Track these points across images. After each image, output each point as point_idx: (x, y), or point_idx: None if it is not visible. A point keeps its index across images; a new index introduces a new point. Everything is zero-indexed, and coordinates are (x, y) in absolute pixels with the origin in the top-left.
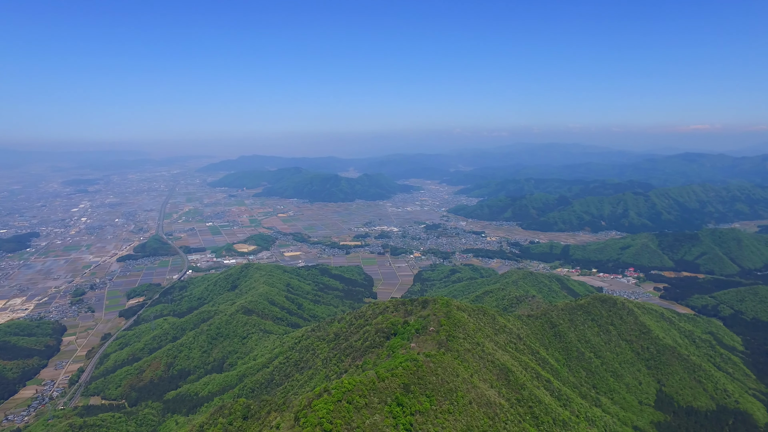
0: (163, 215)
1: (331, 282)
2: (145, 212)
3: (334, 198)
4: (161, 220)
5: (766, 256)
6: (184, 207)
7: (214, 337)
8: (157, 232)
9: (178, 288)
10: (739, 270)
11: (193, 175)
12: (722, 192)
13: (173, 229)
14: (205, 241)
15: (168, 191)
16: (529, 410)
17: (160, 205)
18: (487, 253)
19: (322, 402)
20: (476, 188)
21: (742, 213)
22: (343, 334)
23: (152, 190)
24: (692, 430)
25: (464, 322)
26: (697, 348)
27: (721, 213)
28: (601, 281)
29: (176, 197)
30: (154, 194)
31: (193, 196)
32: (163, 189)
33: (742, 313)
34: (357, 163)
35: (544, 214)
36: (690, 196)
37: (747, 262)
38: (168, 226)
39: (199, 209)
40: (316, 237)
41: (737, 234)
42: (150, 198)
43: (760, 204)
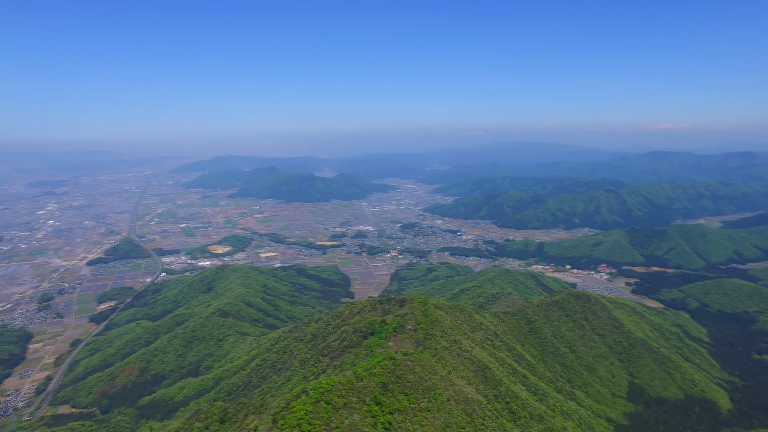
0: (135, 217)
1: (307, 282)
2: (117, 214)
3: (310, 198)
4: (133, 222)
5: (729, 251)
6: (157, 208)
7: (189, 340)
8: (129, 235)
9: (151, 291)
10: (704, 264)
11: (167, 175)
12: (689, 189)
13: (146, 231)
14: (179, 243)
15: (140, 192)
16: (506, 406)
17: (132, 206)
18: (463, 251)
19: (300, 403)
20: (452, 187)
21: (707, 209)
22: (321, 334)
23: (124, 192)
24: (662, 420)
25: (441, 320)
26: (666, 340)
27: (687, 209)
28: (574, 277)
29: (149, 198)
30: (126, 196)
31: (167, 197)
32: (135, 190)
33: (708, 306)
34: (333, 163)
35: (519, 212)
36: (659, 193)
37: (712, 256)
38: (140, 228)
39: (173, 210)
40: (293, 237)
41: (703, 230)
42: (121, 200)
43: (723, 200)
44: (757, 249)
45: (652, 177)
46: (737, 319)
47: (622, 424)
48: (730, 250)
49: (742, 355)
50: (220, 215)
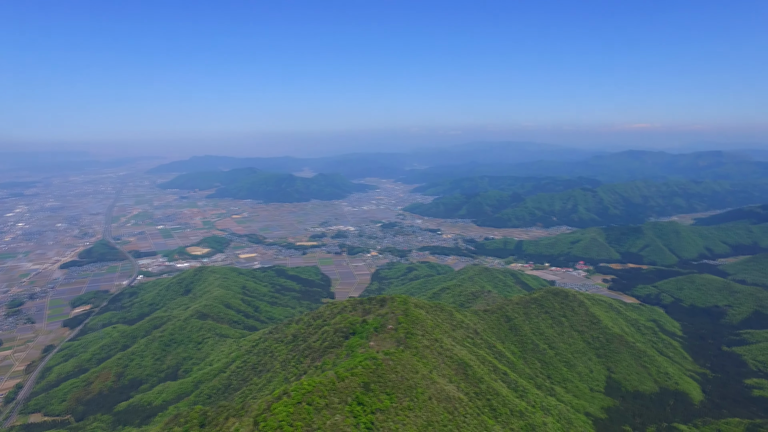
0: (110, 219)
1: (287, 283)
2: (91, 216)
3: (289, 198)
4: (108, 223)
5: (701, 247)
6: (133, 210)
7: (167, 343)
8: (104, 237)
9: (127, 294)
10: (677, 260)
11: (142, 176)
12: (662, 187)
13: (121, 233)
14: (156, 245)
15: (115, 194)
16: (487, 403)
17: (107, 208)
18: (443, 250)
19: (281, 405)
20: (432, 186)
21: (679, 207)
22: (302, 335)
23: (98, 193)
24: (638, 413)
25: (422, 319)
26: (642, 335)
27: (661, 207)
28: (553, 275)
29: (124, 200)
30: (100, 197)
31: (143, 198)
32: (109, 191)
33: (681, 301)
34: (313, 163)
35: (498, 211)
36: (634, 191)
37: (684, 252)
38: (116, 230)
39: (149, 212)
40: (272, 238)
41: (676, 227)
42: (95, 201)
43: (694, 198)
44: (726, 245)
45: (628, 176)
46: (708, 313)
47: (600, 418)
48: (702, 246)
49: (712, 347)
50: (198, 216)
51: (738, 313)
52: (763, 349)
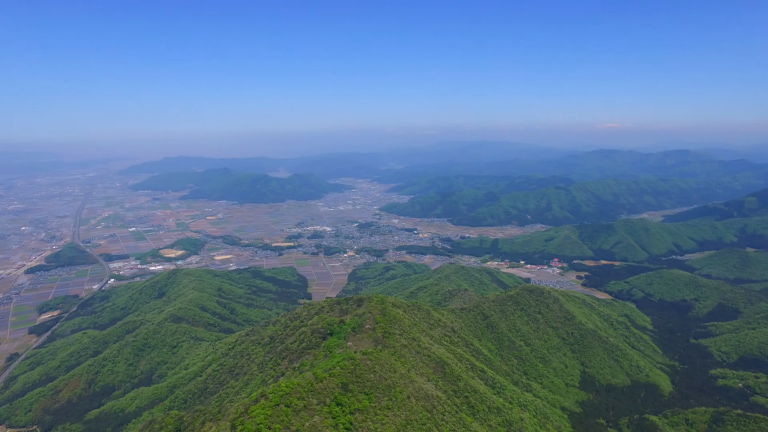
0: (79, 221)
1: (264, 284)
2: (58, 219)
3: (265, 199)
4: (77, 226)
5: (669, 243)
6: (103, 212)
7: (140, 348)
8: (73, 240)
9: (98, 299)
10: (647, 256)
11: (113, 177)
12: (632, 185)
13: (91, 236)
14: (127, 248)
15: (84, 196)
16: (465, 400)
17: (76, 210)
18: (419, 249)
19: (259, 407)
20: (408, 186)
21: (649, 204)
22: (279, 336)
23: (65, 195)
24: (611, 406)
25: (399, 318)
26: (614, 330)
27: (632, 204)
28: (528, 272)
29: (94, 202)
30: (68, 199)
31: (113, 200)
32: (78, 193)
33: (651, 296)
34: (288, 163)
35: (474, 210)
36: (605, 189)
37: (654, 248)
38: (85, 233)
39: (121, 214)
40: (248, 239)
41: (646, 224)
42: (63, 203)
43: (662, 196)
44: (692, 241)
45: (599, 174)
46: (677, 307)
47: (575, 412)
48: (670, 242)
49: (681, 340)
50: (171, 218)
51: (704, 307)
52: (726, 340)
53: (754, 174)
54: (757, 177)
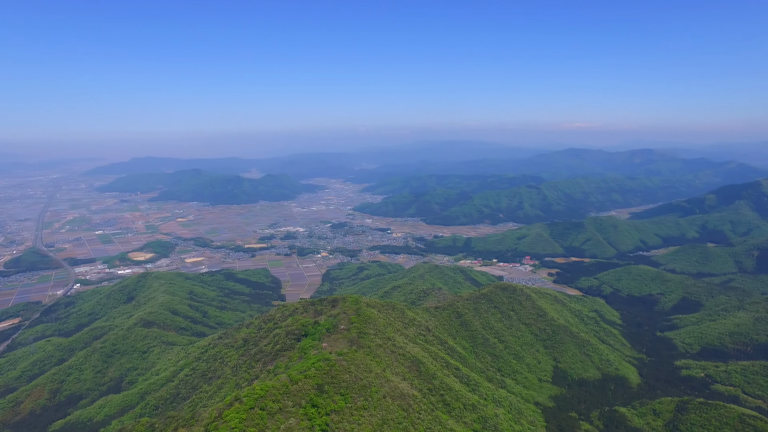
0: (41, 225)
1: (237, 287)
2: (18, 222)
3: (236, 200)
4: (39, 230)
5: (636, 239)
6: (68, 215)
7: (109, 354)
8: (35, 244)
9: (63, 304)
10: (616, 252)
11: (78, 179)
12: (601, 184)
13: (55, 240)
14: (94, 251)
15: (47, 198)
16: (440, 398)
17: (38, 213)
18: (393, 249)
19: (233, 411)
20: (381, 186)
21: (617, 202)
22: (253, 339)
23: (26, 197)
24: (583, 399)
25: (374, 318)
26: (585, 325)
27: (600, 202)
28: (501, 270)
29: (57, 204)
30: (29, 201)
31: (79, 202)
32: (40, 195)
33: (620, 291)
34: (260, 164)
35: (447, 209)
36: (575, 187)
37: (622, 245)
38: (48, 236)
39: (87, 216)
40: (220, 241)
41: (614, 221)
42: (24, 206)
43: (630, 194)
44: (658, 237)
45: (569, 173)
46: (644, 302)
47: (548, 407)
48: (637, 239)
49: (648, 333)
50: (140, 220)
51: (669, 301)
52: (689, 332)
53: (713, 172)
54: (715, 175)
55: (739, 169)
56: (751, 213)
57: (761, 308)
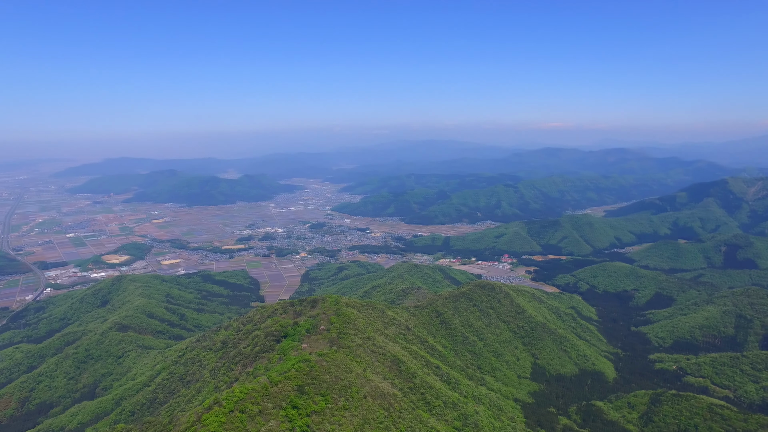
0: (8, 228)
1: (215, 288)
2: None
3: (214, 201)
4: (6, 233)
5: (611, 237)
6: (37, 217)
7: (82, 360)
8: (1, 248)
9: (33, 310)
10: (592, 250)
11: (47, 180)
12: (577, 182)
13: (23, 243)
14: (66, 255)
15: (14, 200)
16: (421, 397)
17: (4, 215)
18: (372, 248)
19: (212, 415)
20: (359, 185)
21: (592, 200)
22: (231, 341)
23: None
24: (561, 395)
25: (354, 318)
26: (562, 322)
27: (576, 200)
28: (480, 269)
29: (26, 206)
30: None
31: (49, 204)
32: (6, 197)
33: (596, 287)
34: (237, 164)
35: (425, 208)
36: (552, 186)
37: (597, 242)
38: (16, 240)
39: (57, 219)
40: (197, 242)
41: (590, 219)
42: None
43: (604, 192)
44: (632, 234)
45: (545, 171)
46: (619, 297)
47: (527, 403)
48: (612, 236)
49: (623, 328)
50: (114, 222)
51: (643, 296)
52: (663, 326)
53: (683, 170)
54: (686, 173)
55: (707, 167)
56: (719, 210)
57: (728, 302)
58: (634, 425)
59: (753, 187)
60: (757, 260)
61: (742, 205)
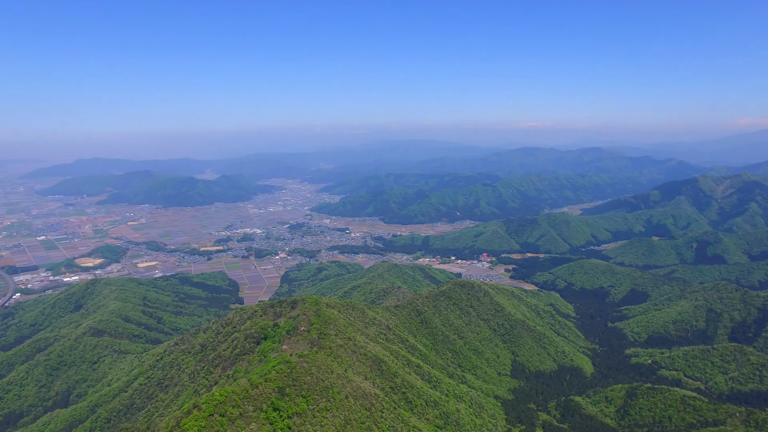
0: None
1: (193, 291)
2: None
3: (191, 202)
4: None
5: (588, 234)
6: (5, 220)
7: (54, 367)
8: None
9: (0, 316)
10: (569, 247)
11: (15, 182)
12: (554, 181)
13: None
14: (36, 258)
15: None
16: (403, 396)
17: None
18: (352, 248)
19: (191, 419)
20: (338, 185)
21: (569, 198)
22: (210, 344)
23: None
24: (540, 391)
25: (334, 318)
26: (541, 319)
27: (553, 199)
28: (459, 267)
29: None
30: None
31: (17, 206)
32: None
33: (573, 285)
34: (214, 165)
35: (405, 208)
36: (529, 185)
37: (574, 240)
38: None
39: (27, 221)
40: (174, 244)
41: (566, 217)
42: None
43: (581, 190)
44: (608, 232)
45: (523, 171)
46: (596, 294)
47: (508, 400)
48: (588, 234)
49: (600, 324)
50: (87, 224)
51: (619, 292)
52: (638, 321)
53: (656, 169)
54: (658, 172)
55: (678, 166)
56: (690, 208)
57: (699, 296)
58: (611, 419)
59: (721, 185)
60: (726, 256)
61: (711, 203)
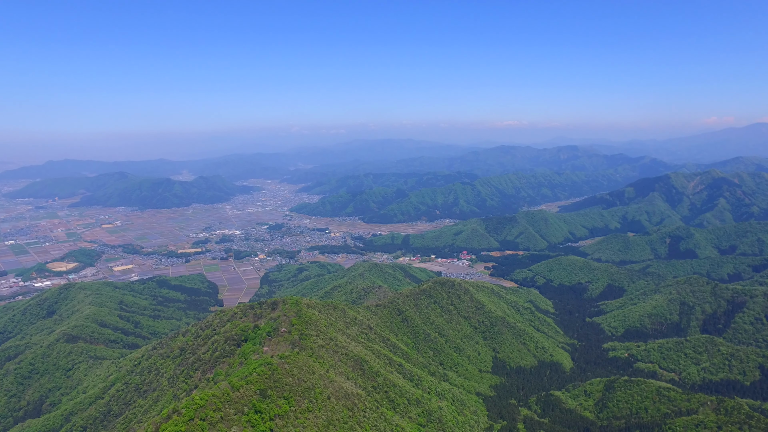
0: None
1: (171, 294)
2: None
3: (167, 203)
4: None
5: (565, 231)
6: None
7: (26, 376)
8: None
9: None
10: (547, 245)
11: None
12: (531, 179)
13: None
14: (5, 264)
15: None
16: (385, 395)
17: None
18: (332, 248)
19: (171, 425)
20: (317, 185)
21: (546, 196)
22: (190, 347)
23: None
24: (521, 386)
25: (315, 319)
26: (521, 315)
27: (531, 197)
28: (439, 266)
29: None
30: None
31: None
32: None
33: (552, 281)
34: (191, 165)
35: (384, 207)
36: (507, 183)
37: (552, 237)
38: None
39: None
40: (150, 247)
41: (544, 214)
42: None
43: (558, 188)
44: (585, 228)
45: (500, 169)
46: (574, 290)
47: (489, 396)
48: (566, 231)
49: (578, 320)
50: (60, 228)
51: (596, 288)
52: (615, 316)
53: (630, 167)
54: (632, 169)
55: (652, 163)
56: (663, 204)
57: (673, 290)
58: (590, 412)
59: (692, 181)
60: (697, 250)
61: (683, 199)
